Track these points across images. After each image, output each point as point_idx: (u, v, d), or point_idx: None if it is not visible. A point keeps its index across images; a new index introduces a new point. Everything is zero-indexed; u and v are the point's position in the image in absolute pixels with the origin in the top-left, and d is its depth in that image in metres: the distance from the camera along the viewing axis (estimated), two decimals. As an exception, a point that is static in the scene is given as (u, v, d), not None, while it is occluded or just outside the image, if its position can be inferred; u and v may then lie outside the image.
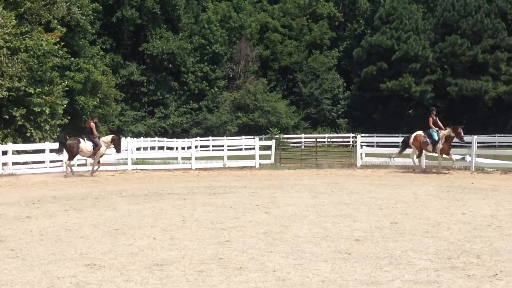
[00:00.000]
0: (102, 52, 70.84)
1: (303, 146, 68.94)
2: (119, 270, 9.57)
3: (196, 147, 51.80)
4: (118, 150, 31.34)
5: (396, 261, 10.04)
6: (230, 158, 36.31)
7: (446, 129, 28.78)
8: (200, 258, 10.38)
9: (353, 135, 68.76)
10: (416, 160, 30.35)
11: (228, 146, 40.49)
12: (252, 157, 35.37)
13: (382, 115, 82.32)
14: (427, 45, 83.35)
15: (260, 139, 44.82)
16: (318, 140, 54.67)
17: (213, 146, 60.11)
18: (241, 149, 49.54)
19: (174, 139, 61.62)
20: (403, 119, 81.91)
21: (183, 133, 76.96)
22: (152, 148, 54.03)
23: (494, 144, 60.95)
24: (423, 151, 29.69)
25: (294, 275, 9.13)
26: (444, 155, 29.16)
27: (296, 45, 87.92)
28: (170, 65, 79.13)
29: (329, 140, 74.94)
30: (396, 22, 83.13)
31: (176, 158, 37.40)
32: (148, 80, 77.44)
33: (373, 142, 51.29)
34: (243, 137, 61.08)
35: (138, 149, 47.81)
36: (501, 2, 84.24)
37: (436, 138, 28.53)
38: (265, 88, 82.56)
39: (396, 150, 34.38)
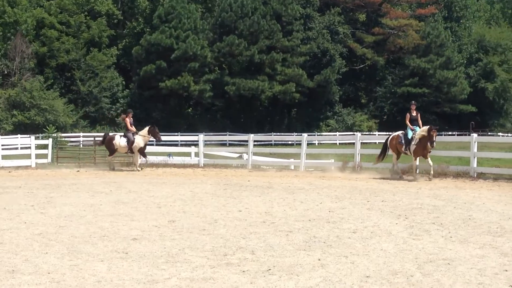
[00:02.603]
0: None
1: (81, 145, 67.98)
2: None
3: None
4: (157, 139, 31.80)
5: (173, 259, 10.13)
6: (4, 157, 35.23)
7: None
8: (-30, 263, 9.97)
9: (133, 133, 68.57)
10: (396, 164, 25.98)
11: (2, 145, 39.10)
12: (28, 156, 34.49)
13: (161, 114, 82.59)
14: (205, 45, 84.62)
15: (37, 138, 43.75)
16: (96, 139, 54.02)
17: (-14, 145, 57.75)
18: (16, 148, 48.00)
19: None
20: (183, 118, 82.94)
21: (-48, 132, 73.51)
22: None
23: (270, 142, 62.83)
24: (400, 152, 25.72)
25: (70, 276, 8.99)
26: (422, 157, 25.02)
27: (74, 42, 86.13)
28: None
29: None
30: (175, 21, 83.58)
31: None
32: None
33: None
34: (19, 136, 59.11)
35: None
36: (276, 4, 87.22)
37: (410, 137, 24.96)
38: (42, 85, 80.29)
39: (175, 148, 34.51)
